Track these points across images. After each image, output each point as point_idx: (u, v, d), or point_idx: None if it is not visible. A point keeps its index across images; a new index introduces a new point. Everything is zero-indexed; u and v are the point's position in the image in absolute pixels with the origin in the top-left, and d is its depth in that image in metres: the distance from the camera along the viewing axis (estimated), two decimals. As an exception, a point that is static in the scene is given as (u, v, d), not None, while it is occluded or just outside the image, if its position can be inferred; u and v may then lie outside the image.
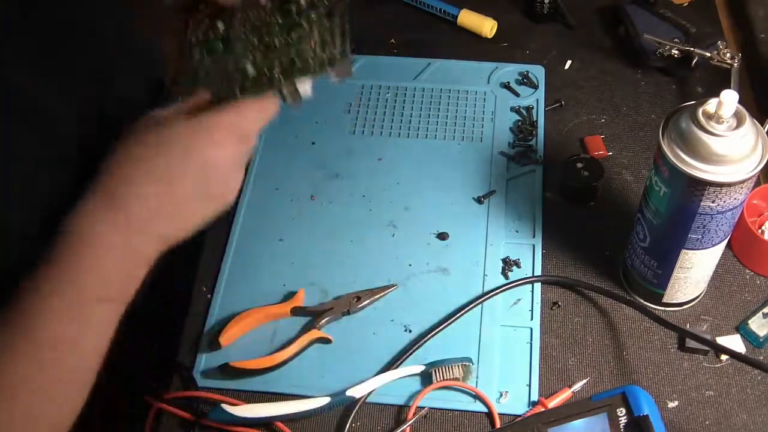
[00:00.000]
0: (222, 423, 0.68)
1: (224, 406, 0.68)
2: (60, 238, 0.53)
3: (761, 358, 0.72)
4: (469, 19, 1.00)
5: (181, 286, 0.79)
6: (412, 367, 0.71)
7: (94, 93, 0.67)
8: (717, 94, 0.59)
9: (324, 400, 0.69)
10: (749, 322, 0.73)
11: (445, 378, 0.70)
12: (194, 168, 0.55)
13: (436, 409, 0.70)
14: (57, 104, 0.62)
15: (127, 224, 0.54)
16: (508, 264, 0.78)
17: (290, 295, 0.76)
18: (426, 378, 0.71)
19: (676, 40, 0.91)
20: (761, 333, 0.72)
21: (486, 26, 0.99)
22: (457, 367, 0.70)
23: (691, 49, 0.89)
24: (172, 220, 0.56)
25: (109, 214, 0.54)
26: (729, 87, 0.71)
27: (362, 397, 0.69)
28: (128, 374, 0.63)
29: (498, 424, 0.68)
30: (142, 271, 0.56)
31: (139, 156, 0.55)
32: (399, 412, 0.70)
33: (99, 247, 0.54)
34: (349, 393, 0.69)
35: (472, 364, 0.71)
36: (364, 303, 0.76)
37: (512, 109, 0.92)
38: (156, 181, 0.55)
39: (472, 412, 0.69)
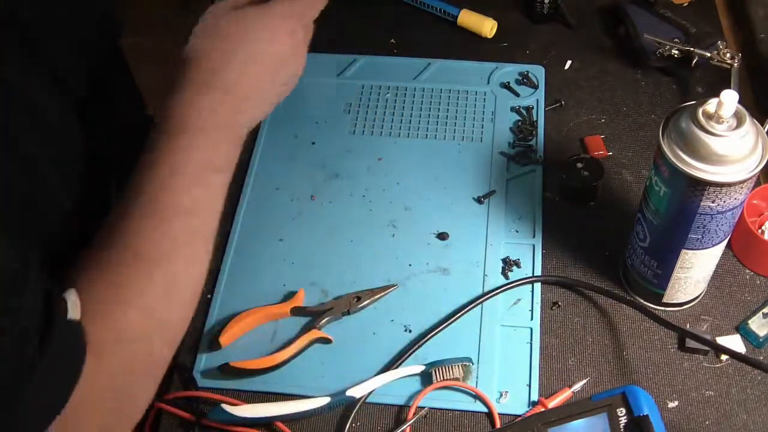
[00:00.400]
0: (222, 423, 0.68)
1: (224, 406, 0.68)
2: (167, 125, 0.58)
3: (761, 358, 0.72)
4: (469, 19, 1.00)
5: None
6: (412, 367, 0.71)
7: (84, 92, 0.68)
8: (717, 94, 0.59)
9: (324, 400, 0.69)
10: (749, 322, 0.73)
11: (445, 378, 0.70)
12: (272, 52, 0.60)
13: (436, 409, 0.70)
14: (49, 102, 0.63)
15: (228, 104, 0.59)
16: (508, 264, 0.78)
17: (290, 295, 0.76)
18: (426, 378, 0.71)
19: (676, 40, 0.91)
20: (761, 333, 0.72)
21: (486, 26, 0.99)
22: (457, 367, 0.70)
23: (691, 49, 0.89)
24: (260, 100, 0.62)
25: (207, 99, 0.58)
26: (729, 87, 0.71)
27: (362, 397, 0.69)
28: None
29: (498, 424, 0.68)
30: (239, 149, 0.61)
31: (223, 47, 0.59)
32: (399, 412, 0.70)
33: (209, 126, 0.58)
34: (349, 393, 0.69)
35: (472, 364, 0.71)
36: (364, 303, 0.76)
37: (512, 109, 0.92)
38: (243, 66, 0.59)
39: (472, 412, 0.70)
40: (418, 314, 0.75)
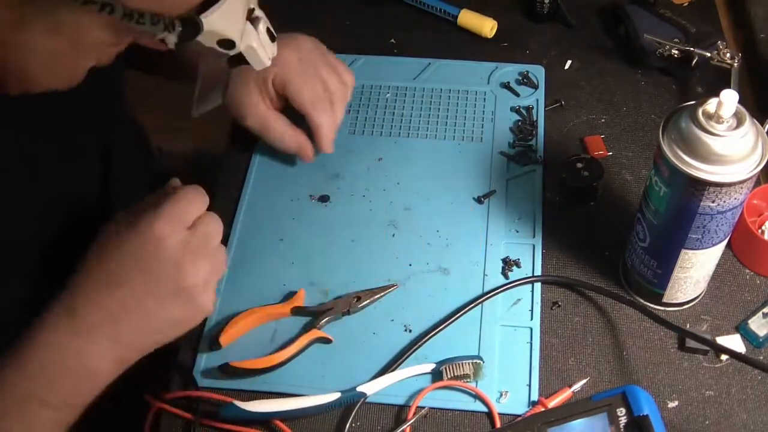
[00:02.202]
0: (236, 419, 0.68)
1: (237, 402, 0.68)
2: (21, 340, 0.60)
3: (761, 358, 0.72)
4: (469, 19, 1.00)
5: None
6: (422, 366, 0.71)
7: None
8: (717, 94, 0.59)
9: (334, 396, 0.68)
10: (749, 322, 0.73)
11: (456, 376, 0.70)
12: (143, 267, 0.61)
13: (437, 409, 0.70)
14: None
15: (75, 327, 0.60)
16: (508, 264, 0.78)
17: (290, 295, 0.76)
18: (436, 376, 0.71)
19: (676, 40, 0.91)
20: (761, 333, 0.72)
21: (486, 26, 0.99)
22: (468, 364, 0.70)
23: (691, 49, 0.89)
24: (127, 323, 0.61)
25: (63, 319, 0.60)
26: (729, 87, 0.71)
27: (367, 395, 0.69)
28: (128, 374, 0.64)
29: (498, 424, 0.68)
30: (93, 384, 0.62)
31: (99, 266, 0.61)
32: (399, 412, 0.70)
33: (50, 351, 0.59)
34: (360, 389, 0.69)
35: (483, 362, 0.71)
36: (364, 303, 0.76)
37: (512, 109, 0.92)
38: (111, 286, 0.61)
39: (472, 412, 0.70)
40: (418, 314, 0.75)
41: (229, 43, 0.55)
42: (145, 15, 0.49)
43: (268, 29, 0.60)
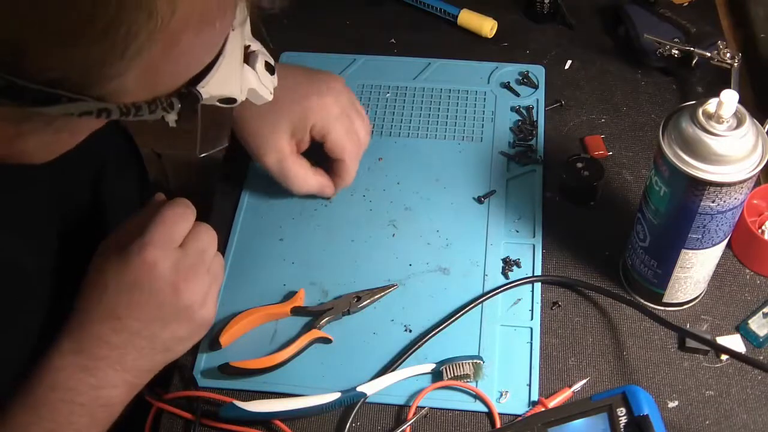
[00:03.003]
0: (235, 419, 0.68)
1: (236, 402, 0.68)
2: (31, 382, 0.60)
3: (761, 358, 0.72)
4: (469, 19, 1.00)
5: None
6: (423, 366, 0.71)
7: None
8: (717, 94, 0.59)
9: (334, 396, 0.68)
10: (749, 321, 0.73)
11: (456, 376, 0.70)
12: (140, 297, 0.61)
13: (437, 409, 0.70)
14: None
15: (84, 365, 0.60)
16: (508, 264, 0.78)
17: (290, 295, 0.76)
18: (436, 376, 0.71)
19: (676, 40, 0.91)
20: (761, 333, 0.72)
21: (486, 26, 0.99)
22: (468, 365, 0.70)
23: (691, 49, 0.89)
24: (134, 350, 0.62)
25: (70, 358, 0.60)
26: (729, 87, 0.71)
27: (366, 395, 0.69)
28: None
29: (498, 424, 0.68)
30: (109, 413, 0.63)
31: (98, 302, 0.61)
32: (399, 412, 0.70)
33: (61, 392, 0.60)
34: (360, 389, 0.69)
35: (483, 362, 0.71)
36: (364, 303, 0.76)
37: (512, 109, 0.92)
38: (113, 320, 0.61)
39: (472, 412, 0.70)
40: (418, 314, 0.75)
41: (230, 99, 0.53)
42: (142, 106, 0.47)
43: (266, 63, 0.58)
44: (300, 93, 0.78)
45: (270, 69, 0.59)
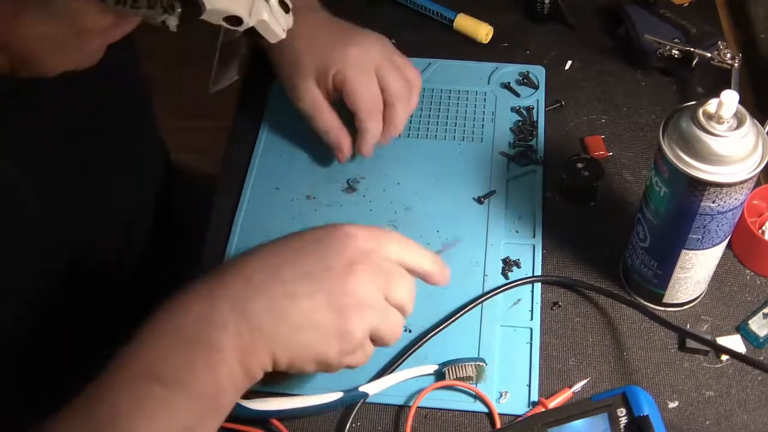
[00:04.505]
0: (236, 418, 0.67)
1: (240, 401, 0.68)
2: (175, 337, 0.55)
3: (761, 358, 0.72)
4: (465, 24, 0.99)
5: (181, 286, 0.79)
6: (425, 367, 0.71)
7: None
8: (717, 94, 0.59)
9: (337, 395, 0.68)
10: (749, 322, 0.73)
11: (459, 378, 0.70)
12: (328, 288, 0.57)
13: (436, 409, 0.70)
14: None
15: (250, 335, 0.55)
16: (508, 264, 0.78)
17: (290, 295, 0.76)
18: (439, 378, 0.71)
19: (676, 40, 0.91)
20: (761, 333, 0.72)
21: (481, 32, 0.98)
22: (470, 366, 0.70)
23: (691, 49, 0.89)
24: (293, 334, 0.57)
25: (233, 323, 0.55)
26: (729, 87, 0.71)
27: (371, 395, 0.69)
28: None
29: (498, 425, 0.68)
30: (241, 389, 0.58)
31: (276, 266, 0.57)
32: (399, 412, 0.70)
33: (219, 355, 0.55)
34: (362, 389, 0.69)
35: (485, 363, 0.71)
36: (365, 303, 0.75)
37: (512, 109, 0.92)
38: (288, 297, 0.56)
39: (472, 412, 0.69)
40: (418, 314, 0.75)
41: (236, 20, 0.52)
42: None
43: (281, 0, 0.57)
44: (329, 42, 0.81)
45: (285, 6, 0.57)
